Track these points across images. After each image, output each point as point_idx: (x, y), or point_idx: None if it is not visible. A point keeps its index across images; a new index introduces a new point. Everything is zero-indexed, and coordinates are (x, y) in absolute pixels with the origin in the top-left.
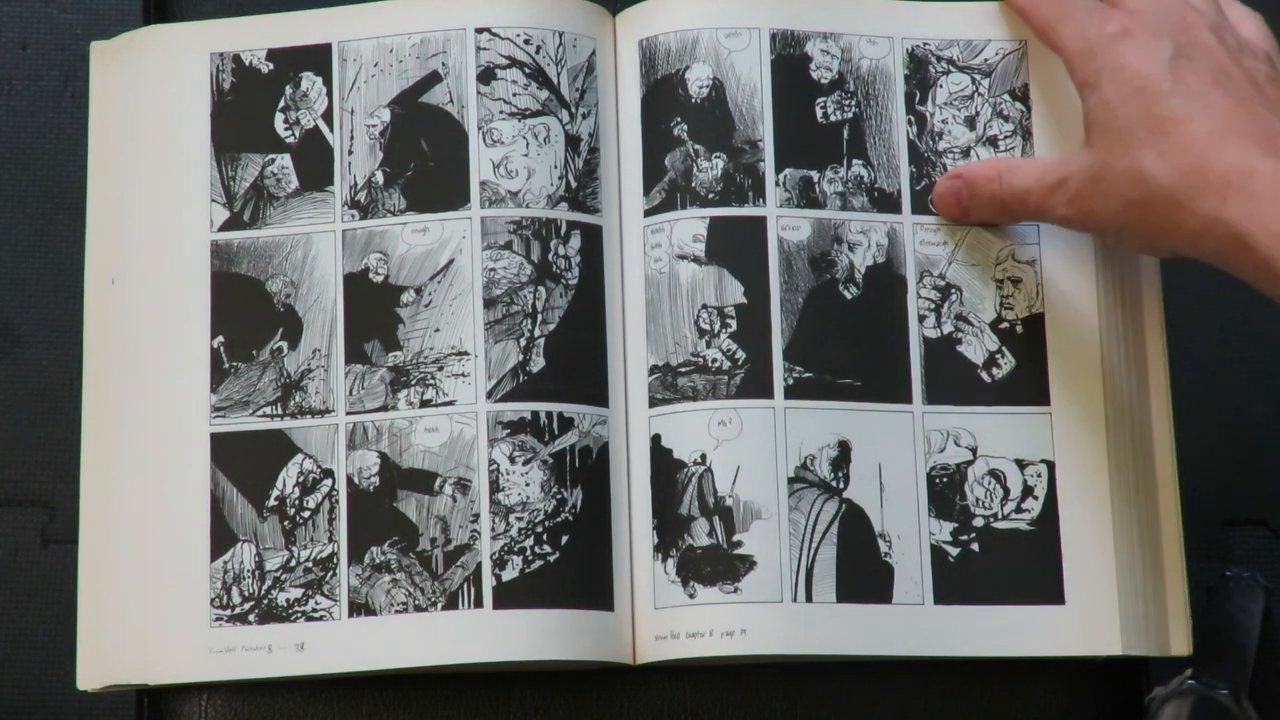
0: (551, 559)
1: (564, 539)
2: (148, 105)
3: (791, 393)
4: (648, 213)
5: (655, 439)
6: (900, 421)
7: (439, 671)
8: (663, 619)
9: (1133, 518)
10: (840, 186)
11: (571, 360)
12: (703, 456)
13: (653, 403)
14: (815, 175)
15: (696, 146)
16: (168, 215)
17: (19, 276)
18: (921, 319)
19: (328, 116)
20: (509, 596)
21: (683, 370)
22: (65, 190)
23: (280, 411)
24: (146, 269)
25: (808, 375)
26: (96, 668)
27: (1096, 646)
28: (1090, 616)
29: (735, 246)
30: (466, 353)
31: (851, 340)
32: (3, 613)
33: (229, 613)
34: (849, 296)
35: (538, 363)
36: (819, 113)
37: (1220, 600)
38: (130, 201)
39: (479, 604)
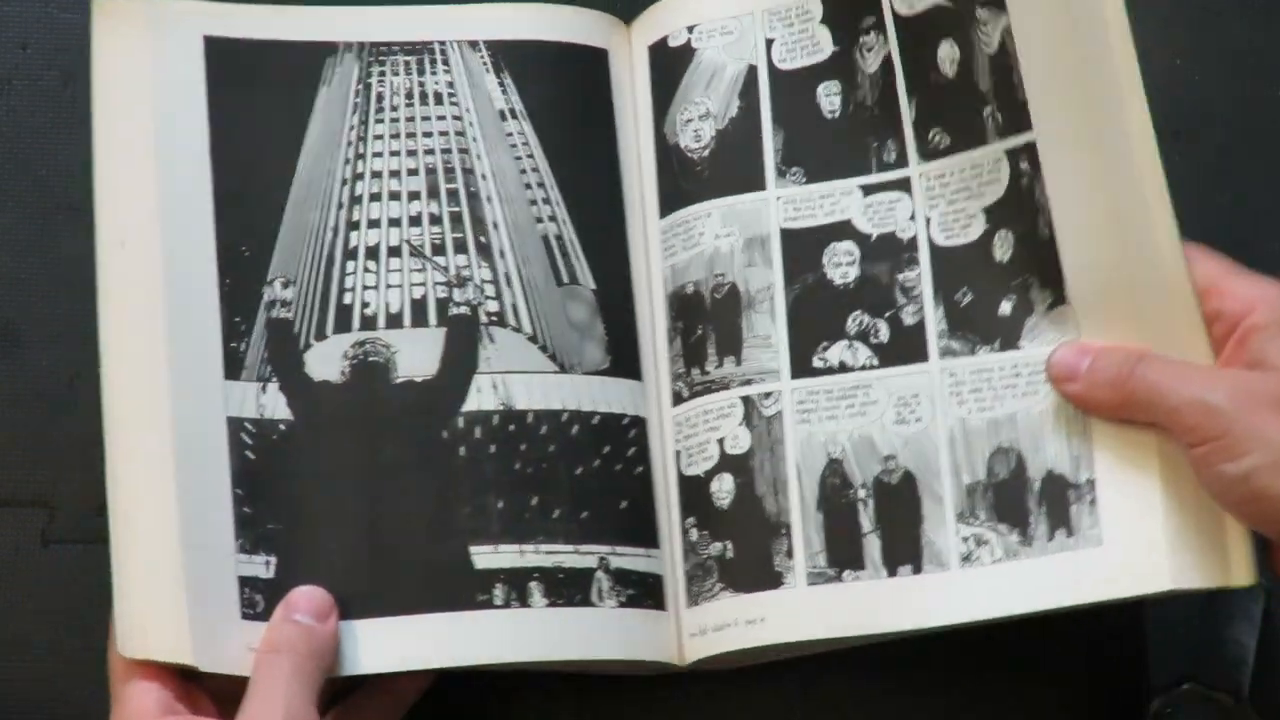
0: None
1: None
2: (147, 68)
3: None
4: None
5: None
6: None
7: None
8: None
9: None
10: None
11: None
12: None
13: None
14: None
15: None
16: (171, 178)
17: (19, 276)
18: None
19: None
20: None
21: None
22: (65, 190)
23: None
24: (154, 231)
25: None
26: (137, 639)
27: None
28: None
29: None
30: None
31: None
32: (2, 613)
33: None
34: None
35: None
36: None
37: (1220, 600)
38: (136, 162)
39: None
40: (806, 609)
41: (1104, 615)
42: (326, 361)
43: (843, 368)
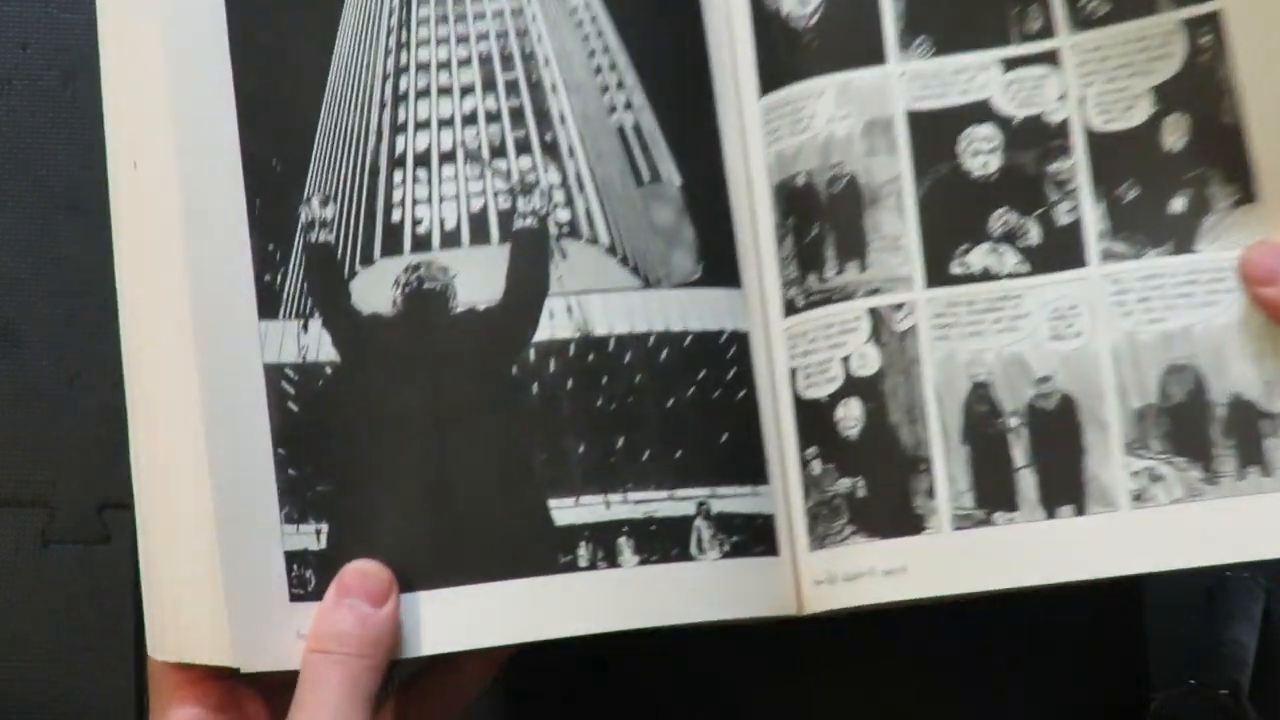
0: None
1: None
2: None
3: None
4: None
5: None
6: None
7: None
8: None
9: None
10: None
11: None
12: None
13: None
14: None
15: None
16: (186, 83)
17: (19, 276)
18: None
19: None
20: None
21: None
22: (65, 190)
23: None
24: (169, 147)
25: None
26: (170, 638)
27: None
28: None
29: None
30: None
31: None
32: (2, 613)
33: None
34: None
35: None
36: None
37: (1220, 600)
38: (146, 68)
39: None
40: (953, 557)
41: (1104, 614)
42: (375, 290)
43: (986, 275)
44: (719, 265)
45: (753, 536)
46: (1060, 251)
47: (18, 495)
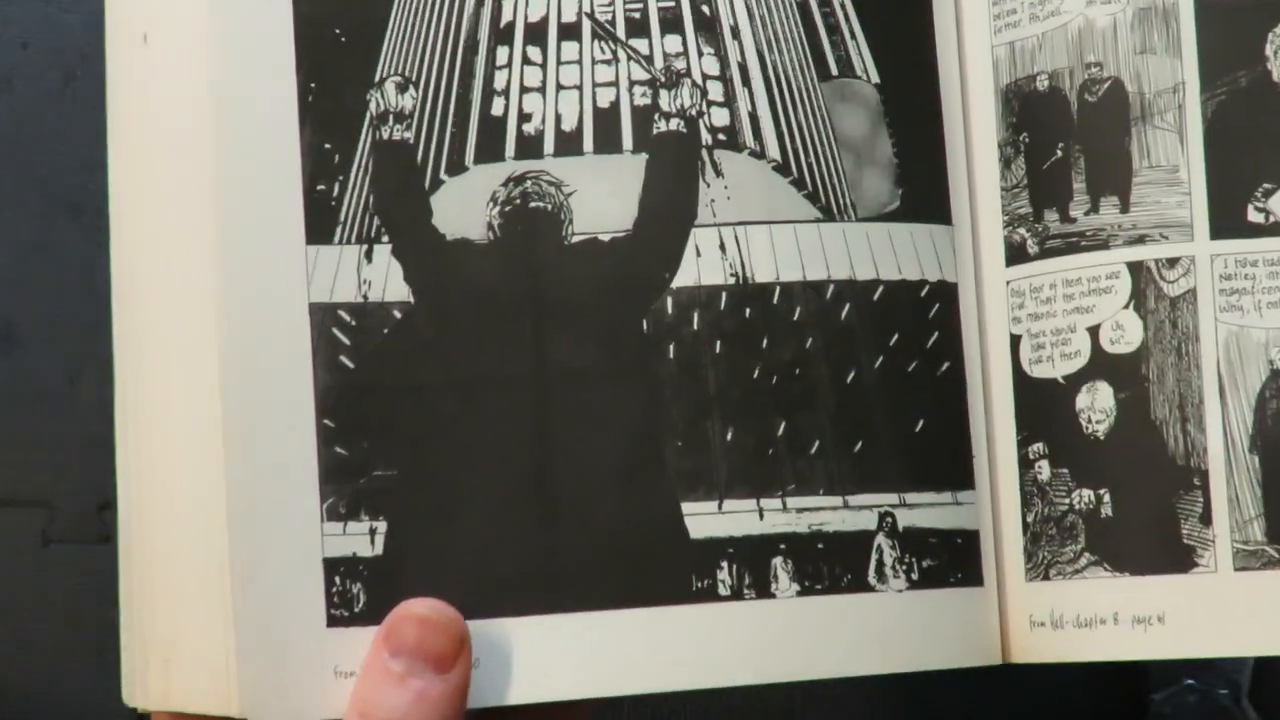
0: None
1: None
2: None
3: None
4: None
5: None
6: None
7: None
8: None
9: None
10: None
11: None
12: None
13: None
14: None
15: None
16: None
17: (19, 276)
18: None
19: None
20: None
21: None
22: (65, 190)
23: None
24: (195, 10)
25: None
26: (152, 678)
27: None
28: None
29: None
30: None
31: None
32: (2, 613)
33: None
34: None
35: None
36: None
37: None
38: None
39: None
40: (1232, 607)
41: None
42: (466, 209)
43: None
44: (924, 193)
45: (952, 560)
46: None
47: (18, 495)
